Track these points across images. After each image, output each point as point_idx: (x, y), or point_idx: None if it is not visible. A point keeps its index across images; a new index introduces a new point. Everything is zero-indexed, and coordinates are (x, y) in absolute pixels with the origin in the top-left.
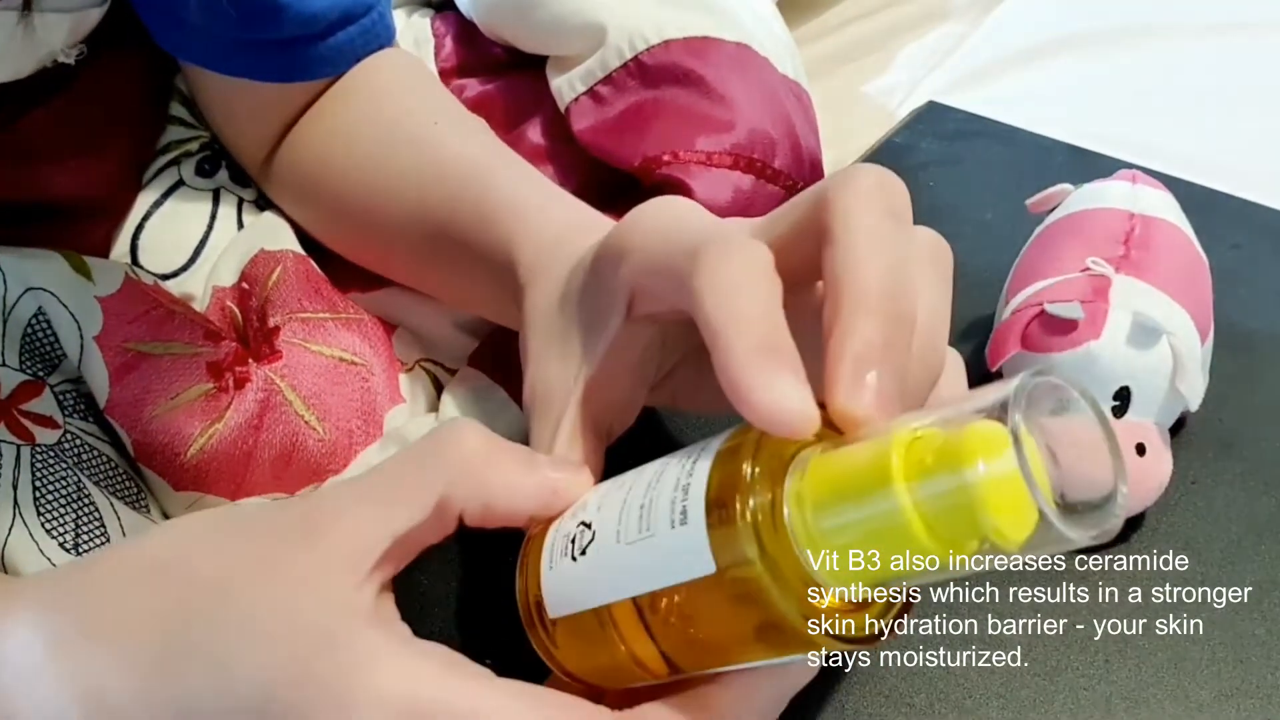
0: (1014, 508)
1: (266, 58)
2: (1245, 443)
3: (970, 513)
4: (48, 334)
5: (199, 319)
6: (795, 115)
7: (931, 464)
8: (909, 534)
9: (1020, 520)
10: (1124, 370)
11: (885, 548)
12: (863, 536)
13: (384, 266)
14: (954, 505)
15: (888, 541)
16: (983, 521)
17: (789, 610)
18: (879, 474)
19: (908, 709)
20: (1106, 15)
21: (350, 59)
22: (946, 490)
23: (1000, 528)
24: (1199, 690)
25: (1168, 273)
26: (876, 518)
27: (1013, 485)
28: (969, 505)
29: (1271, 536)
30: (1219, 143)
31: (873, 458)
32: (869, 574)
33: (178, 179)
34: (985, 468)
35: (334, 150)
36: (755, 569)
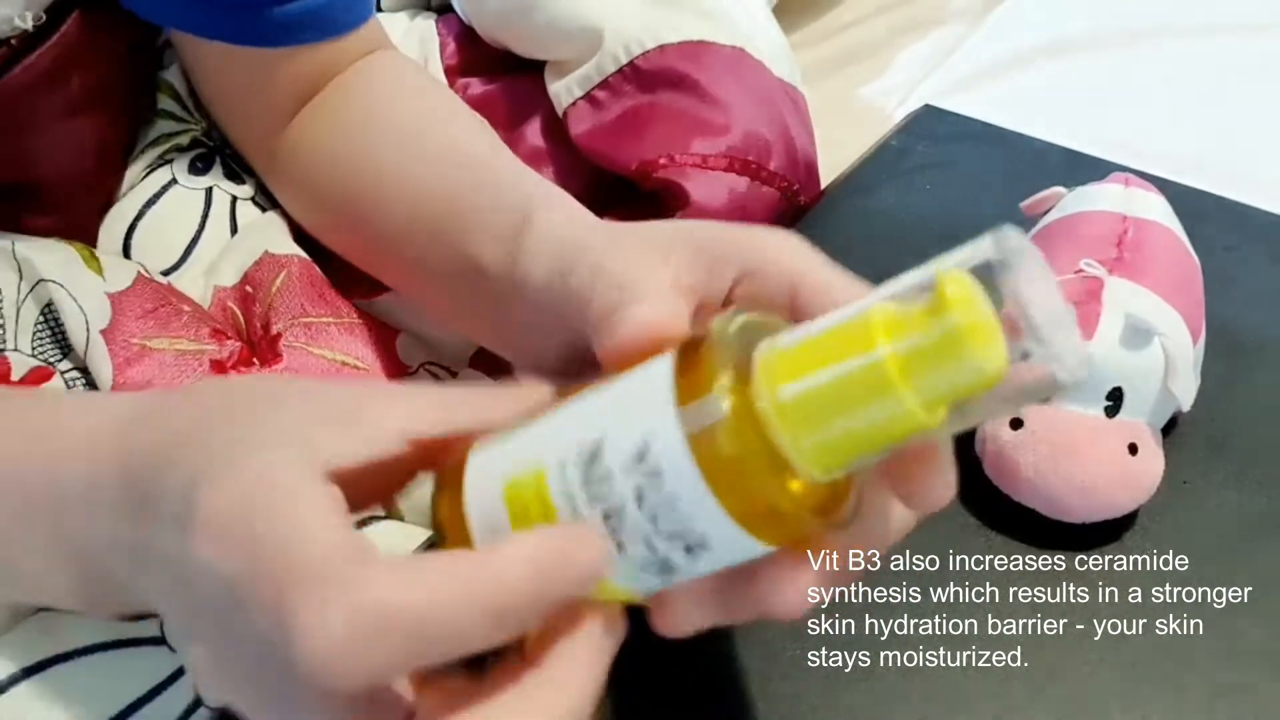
0: (988, 349)
1: (241, 21)
2: (1237, 443)
3: (957, 359)
4: (58, 324)
5: (206, 318)
6: (790, 118)
7: (907, 318)
8: (888, 390)
9: (994, 359)
10: (1116, 371)
11: (862, 413)
12: (840, 403)
13: (380, 269)
14: (933, 351)
15: (865, 405)
16: (970, 365)
17: (768, 490)
18: (856, 338)
19: (907, 709)
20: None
21: (329, 26)
22: (925, 338)
23: (986, 370)
24: (1198, 690)
25: (1160, 275)
26: (855, 379)
27: (986, 326)
28: (955, 350)
29: (1264, 535)
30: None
31: (845, 326)
32: (847, 445)
33: (170, 177)
34: (960, 313)
35: (332, 149)
36: (732, 453)
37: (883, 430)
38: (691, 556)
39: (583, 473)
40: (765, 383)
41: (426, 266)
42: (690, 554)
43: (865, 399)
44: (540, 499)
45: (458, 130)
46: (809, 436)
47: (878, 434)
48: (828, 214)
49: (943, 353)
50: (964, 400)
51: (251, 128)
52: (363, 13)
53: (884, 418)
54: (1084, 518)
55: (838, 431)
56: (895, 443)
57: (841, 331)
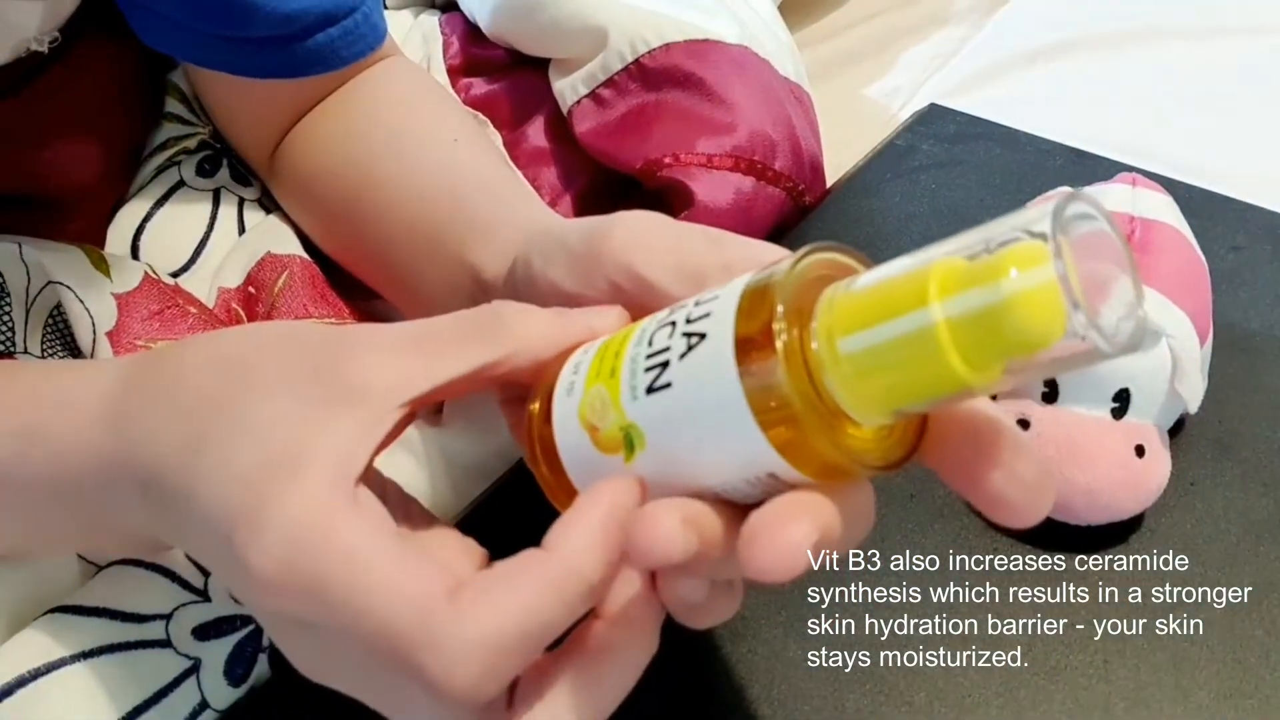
0: (1044, 315)
1: (246, 55)
2: (1244, 444)
3: (1004, 325)
4: (66, 326)
5: (212, 319)
6: (796, 117)
7: (968, 275)
8: (936, 347)
9: (1048, 328)
10: (1123, 372)
11: (907, 365)
12: (885, 354)
13: (374, 278)
14: (988, 314)
15: (911, 359)
16: (1017, 334)
17: (818, 440)
18: (911, 292)
19: (908, 709)
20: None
21: (334, 60)
22: (981, 300)
23: (1034, 338)
24: (1198, 690)
25: (1167, 275)
26: (904, 332)
27: (1046, 292)
28: (1004, 318)
29: (1270, 538)
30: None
31: (903, 280)
32: (893, 397)
33: (178, 179)
34: (1019, 275)
35: (332, 157)
36: (785, 396)
37: (926, 385)
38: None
39: (645, 348)
40: (822, 322)
41: (425, 277)
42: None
43: (912, 353)
44: (611, 391)
45: (459, 140)
46: (854, 382)
47: (920, 387)
48: (833, 213)
49: (998, 317)
50: (1016, 361)
51: (253, 136)
52: (377, 39)
53: (929, 374)
54: (1089, 520)
55: (880, 380)
56: (940, 398)
57: (902, 282)
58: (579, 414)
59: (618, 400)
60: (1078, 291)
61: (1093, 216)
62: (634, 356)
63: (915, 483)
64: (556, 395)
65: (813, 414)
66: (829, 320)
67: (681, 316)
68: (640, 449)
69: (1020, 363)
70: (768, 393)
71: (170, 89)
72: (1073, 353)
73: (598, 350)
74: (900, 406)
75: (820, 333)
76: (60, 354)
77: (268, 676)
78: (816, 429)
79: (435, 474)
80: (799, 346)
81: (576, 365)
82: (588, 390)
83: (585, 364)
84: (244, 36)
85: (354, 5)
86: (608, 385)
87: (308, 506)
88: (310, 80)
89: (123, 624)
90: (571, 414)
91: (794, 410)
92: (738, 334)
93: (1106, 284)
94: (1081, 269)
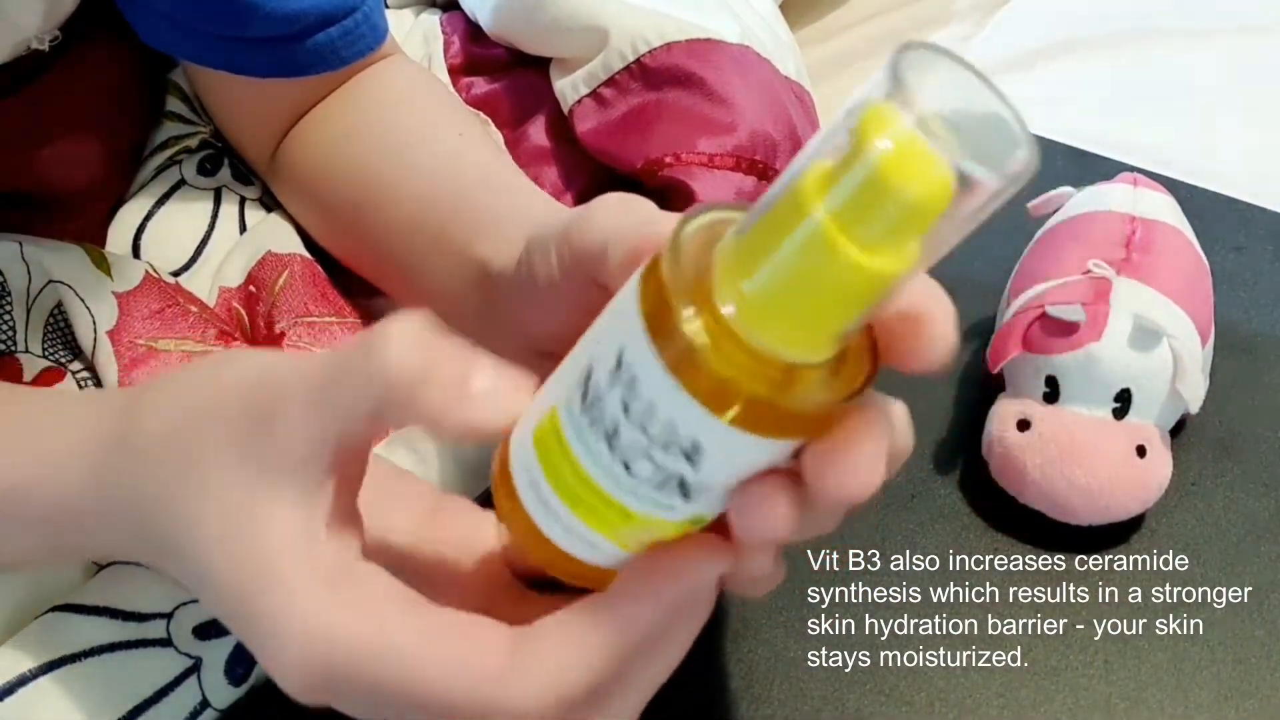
0: (917, 170)
1: (246, 54)
2: (1245, 445)
3: (885, 195)
4: (67, 325)
5: (213, 318)
6: (797, 117)
7: (830, 170)
8: (835, 253)
9: (927, 181)
10: (1125, 372)
11: (821, 281)
12: (798, 282)
13: (377, 275)
14: (867, 196)
15: (815, 275)
16: (899, 198)
17: (756, 387)
18: (790, 209)
19: (908, 709)
20: (1109, 19)
21: (335, 60)
22: (855, 186)
23: (918, 197)
24: (1198, 690)
25: (1169, 275)
26: (800, 251)
27: (909, 145)
28: (880, 187)
29: (1271, 538)
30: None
31: (779, 203)
32: (822, 321)
33: (179, 178)
34: (877, 142)
35: (334, 154)
36: (728, 382)
37: (843, 292)
38: (695, 466)
39: (580, 399)
40: (720, 277)
41: (431, 271)
42: (692, 463)
43: (814, 265)
44: (559, 441)
45: (463, 135)
46: (767, 322)
47: (839, 298)
48: None
49: (874, 190)
50: (928, 232)
51: (254, 135)
52: (377, 39)
53: (839, 279)
54: (1089, 520)
55: (800, 309)
56: (865, 300)
57: (779, 206)
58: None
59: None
60: (940, 131)
61: (939, 58)
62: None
63: (915, 483)
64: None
65: (760, 383)
66: (729, 280)
67: (603, 371)
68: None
69: (920, 226)
70: (719, 393)
71: (171, 88)
72: (969, 199)
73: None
74: (834, 328)
75: (726, 298)
76: (61, 353)
77: (268, 676)
78: (775, 395)
79: (436, 472)
80: (715, 328)
81: (533, 482)
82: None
83: (540, 480)
84: (244, 36)
85: (355, 5)
86: (590, 514)
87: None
88: (311, 79)
89: (123, 623)
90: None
91: (742, 390)
92: (660, 354)
93: (977, 117)
94: (944, 111)
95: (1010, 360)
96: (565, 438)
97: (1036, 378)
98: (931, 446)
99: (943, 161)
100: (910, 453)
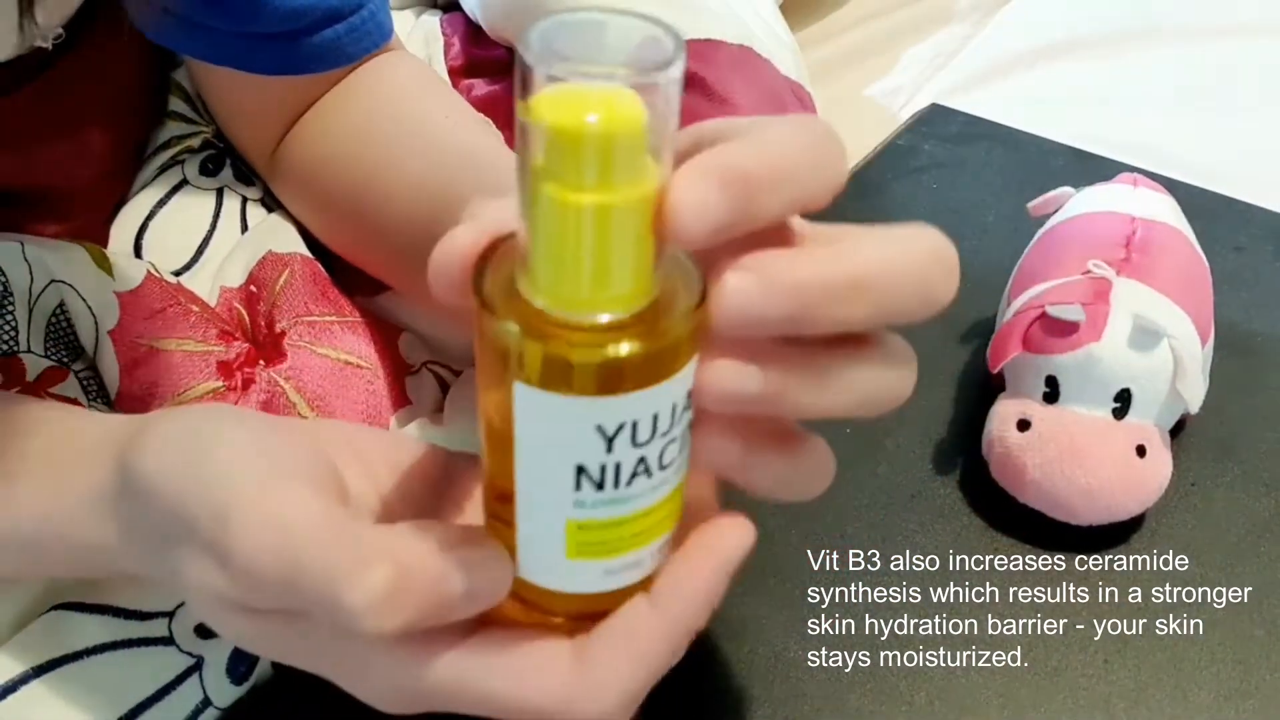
0: (569, 104)
1: (250, 50)
2: (1245, 445)
3: (566, 138)
4: (70, 325)
5: (215, 318)
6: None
7: (532, 138)
8: (567, 202)
9: (575, 110)
10: (1125, 372)
11: (592, 234)
12: (566, 249)
13: (380, 268)
14: (556, 141)
15: (581, 229)
16: (575, 134)
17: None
18: (533, 204)
19: (908, 709)
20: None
21: (340, 57)
22: (541, 139)
23: (587, 127)
24: (1198, 691)
25: (1169, 276)
26: (548, 218)
27: (559, 91)
28: (558, 135)
29: (1271, 538)
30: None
31: (525, 209)
32: (616, 268)
33: (181, 178)
34: (537, 100)
35: (335, 148)
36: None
37: (616, 235)
38: (645, 442)
39: (575, 491)
40: (524, 289)
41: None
42: (641, 441)
43: (568, 225)
44: (597, 531)
45: (458, 126)
46: (585, 296)
47: (614, 240)
48: (834, 214)
49: (563, 142)
50: (634, 150)
51: (255, 133)
52: (383, 36)
53: (600, 227)
54: (1090, 520)
55: (601, 270)
56: (632, 233)
57: (525, 209)
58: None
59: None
60: (586, 70)
61: (559, 22)
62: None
63: (915, 483)
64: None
65: (629, 345)
66: (541, 290)
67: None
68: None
69: (615, 150)
70: (610, 376)
71: (174, 87)
72: (651, 103)
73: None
74: (642, 262)
75: (553, 304)
76: (63, 354)
77: (270, 674)
78: (647, 345)
79: None
80: (557, 332)
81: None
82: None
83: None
84: (249, 32)
85: (362, 2)
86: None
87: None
88: (314, 76)
89: (125, 621)
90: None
91: (623, 360)
92: (565, 391)
93: (622, 41)
94: (581, 54)
95: (1010, 360)
96: (593, 522)
97: (1036, 378)
98: (931, 446)
99: (598, 89)
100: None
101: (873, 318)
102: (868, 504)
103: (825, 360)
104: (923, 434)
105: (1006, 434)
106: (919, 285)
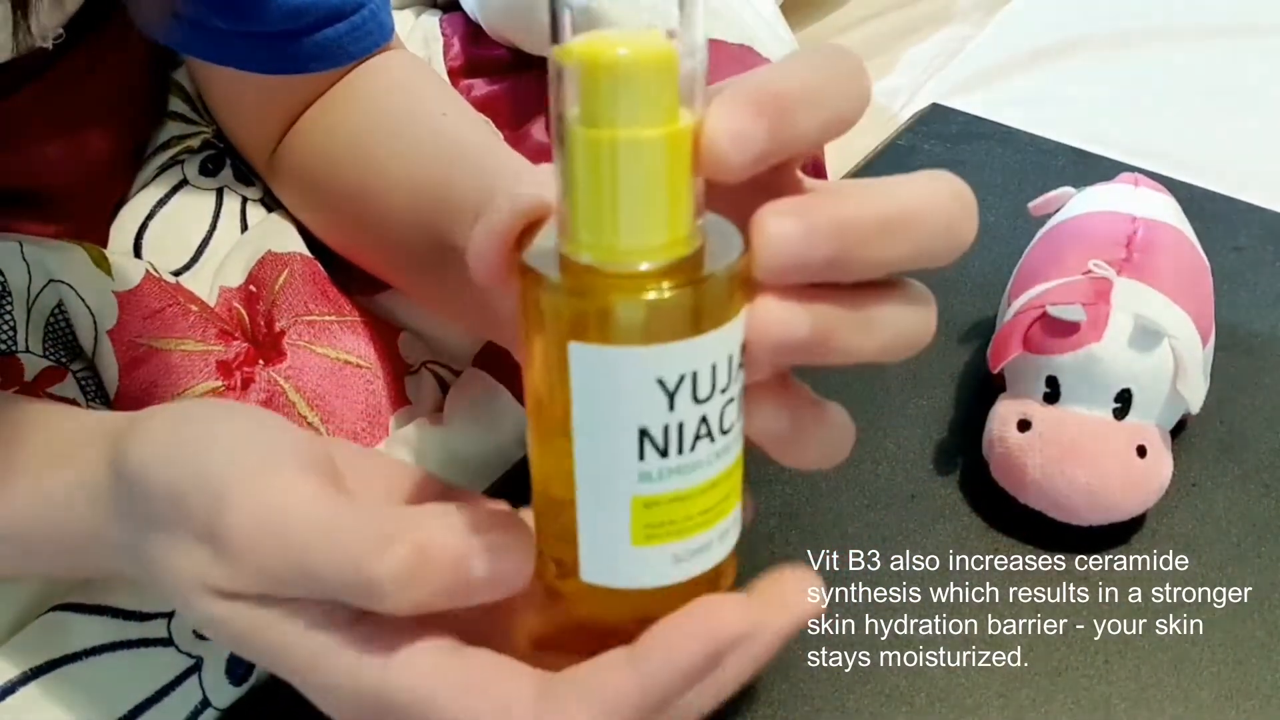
0: (602, 47)
1: (251, 49)
2: (1246, 445)
3: (603, 75)
4: (68, 325)
5: (214, 318)
6: None
7: (572, 88)
8: (611, 139)
9: (610, 45)
10: (1125, 372)
11: (635, 171)
12: (604, 193)
13: (381, 267)
14: (592, 84)
15: (606, 169)
16: (613, 72)
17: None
18: (570, 151)
19: (908, 709)
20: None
21: (341, 56)
22: (590, 87)
23: (621, 60)
24: (1199, 691)
25: (1169, 275)
26: (585, 164)
27: (590, 42)
28: (595, 73)
29: (1272, 538)
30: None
31: (561, 161)
32: (660, 214)
33: (181, 178)
34: (572, 50)
35: (335, 147)
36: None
37: (660, 171)
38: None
39: (639, 459)
40: (567, 250)
41: (423, 259)
42: (703, 397)
43: (614, 164)
44: (669, 505)
45: (454, 122)
46: (626, 244)
47: (661, 177)
48: None
49: (599, 76)
50: (667, 81)
51: (255, 132)
52: (384, 35)
53: (647, 165)
54: (1090, 520)
55: (642, 214)
56: (672, 173)
57: (561, 161)
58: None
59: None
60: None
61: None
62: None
63: (915, 483)
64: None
65: (675, 291)
66: (583, 243)
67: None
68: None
69: (659, 77)
70: (656, 323)
71: (174, 87)
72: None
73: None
74: (676, 211)
75: (594, 256)
76: (61, 354)
77: (269, 675)
78: (694, 295)
79: (435, 471)
80: (607, 283)
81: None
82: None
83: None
84: (250, 31)
85: (362, 1)
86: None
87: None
88: (315, 75)
89: (124, 622)
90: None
91: (672, 307)
92: (566, 336)
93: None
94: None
95: (1010, 360)
96: (660, 497)
97: (1037, 378)
98: (931, 446)
99: (629, 33)
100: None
101: (908, 258)
102: (868, 504)
103: (864, 301)
104: (923, 434)
105: (1007, 434)
106: (948, 224)
